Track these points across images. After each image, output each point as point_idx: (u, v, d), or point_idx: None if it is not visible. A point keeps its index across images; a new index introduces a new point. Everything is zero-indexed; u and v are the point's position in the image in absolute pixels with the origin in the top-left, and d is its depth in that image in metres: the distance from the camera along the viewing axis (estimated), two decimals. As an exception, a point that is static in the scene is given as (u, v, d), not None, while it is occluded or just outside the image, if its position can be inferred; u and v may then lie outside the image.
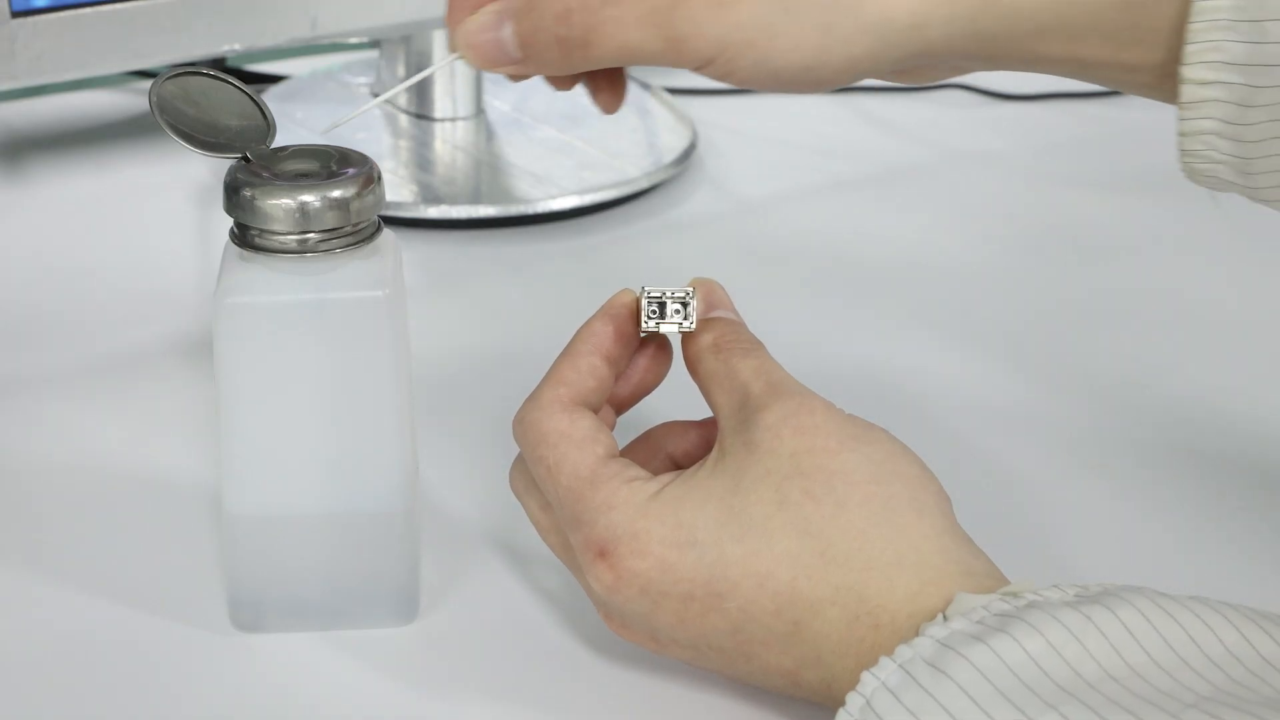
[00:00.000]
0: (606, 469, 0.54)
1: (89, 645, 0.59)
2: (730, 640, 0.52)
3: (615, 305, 0.58)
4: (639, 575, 0.52)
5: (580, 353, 0.57)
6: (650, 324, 0.57)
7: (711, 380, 0.56)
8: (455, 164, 0.94)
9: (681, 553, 0.52)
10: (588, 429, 0.55)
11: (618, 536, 0.53)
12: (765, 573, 0.51)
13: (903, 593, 0.51)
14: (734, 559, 0.52)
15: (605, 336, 0.57)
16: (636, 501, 0.53)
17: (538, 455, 0.55)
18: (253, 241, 0.55)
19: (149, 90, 0.56)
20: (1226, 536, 0.65)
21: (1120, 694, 0.45)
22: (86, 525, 0.65)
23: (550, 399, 0.56)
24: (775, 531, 0.52)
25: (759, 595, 0.51)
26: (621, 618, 0.54)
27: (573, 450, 0.55)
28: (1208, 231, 0.91)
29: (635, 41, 0.54)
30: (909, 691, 0.47)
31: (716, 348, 0.56)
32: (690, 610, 0.52)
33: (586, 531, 0.53)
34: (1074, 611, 0.47)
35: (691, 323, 0.57)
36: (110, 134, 1.00)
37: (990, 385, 0.76)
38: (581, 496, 0.54)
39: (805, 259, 0.88)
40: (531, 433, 0.56)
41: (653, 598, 0.53)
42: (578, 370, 0.56)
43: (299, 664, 0.58)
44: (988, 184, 0.97)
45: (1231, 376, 0.77)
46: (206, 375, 0.58)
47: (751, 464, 0.53)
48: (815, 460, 0.52)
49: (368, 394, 0.57)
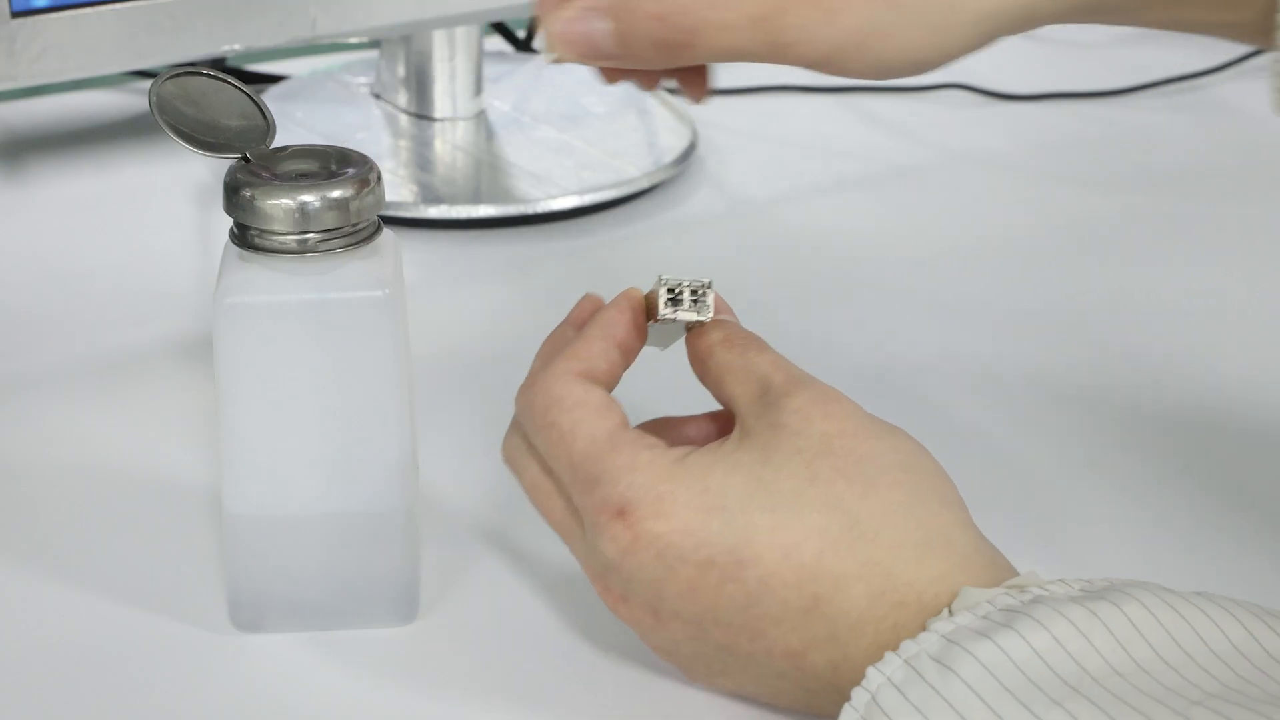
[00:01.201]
0: (625, 434, 0.54)
1: (89, 645, 0.59)
2: (741, 615, 0.52)
3: (630, 296, 0.58)
4: (659, 538, 0.52)
5: (595, 336, 0.56)
6: (668, 311, 0.56)
7: (726, 372, 0.56)
8: (455, 164, 0.94)
9: (708, 517, 0.51)
10: (603, 399, 0.55)
11: (640, 497, 0.52)
12: (792, 544, 0.51)
13: (931, 574, 0.51)
14: (762, 528, 0.51)
15: (620, 324, 0.57)
16: (661, 465, 0.52)
17: (549, 420, 0.54)
18: (252, 241, 0.55)
19: (149, 90, 0.56)
20: (1231, 534, 0.65)
21: (1126, 690, 0.45)
22: (86, 525, 0.65)
23: (564, 369, 0.55)
24: (805, 505, 0.51)
25: (782, 567, 0.51)
26: (624, 587, 0.53)
27: (589, 414, 0.54)
28: (1208, 230, 0.91)
29: (739, 45, 0.54)
30: (915, 687, 0.47)
31: (729, 342, 0.56)
32: (707, 579, 0.51)
33: (605, 491, 0.52)
34: (1080, 607, 0.47)
35: (709, 313, 0.57)
36: (110, 134, 1.00)
37: (992, 384, 0.76)
38: (600, 458, 0.53)
39: (805, 259, 0.88)
40: (542, 398, 0.55)
41: (669, 563, 0.52)
42: (591, 351, 0.56)
43: (299, 664, 0.58)
44: (988, 184, 0.97)
45: (1234, 374, 0.77)
46: (206, 375, 0.58)
47: (781, 442, 0.52)
48: (845, 443, 0.52)
49: (368, 394, 0.57)
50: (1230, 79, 1.10)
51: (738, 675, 0.54)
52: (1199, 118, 1.05)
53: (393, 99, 0.99)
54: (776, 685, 0.53)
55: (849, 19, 0.53)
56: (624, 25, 0.55)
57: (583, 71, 1.04)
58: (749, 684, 0.54)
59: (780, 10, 0.53)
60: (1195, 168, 0.99)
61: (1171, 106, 1.07)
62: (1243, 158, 1.01)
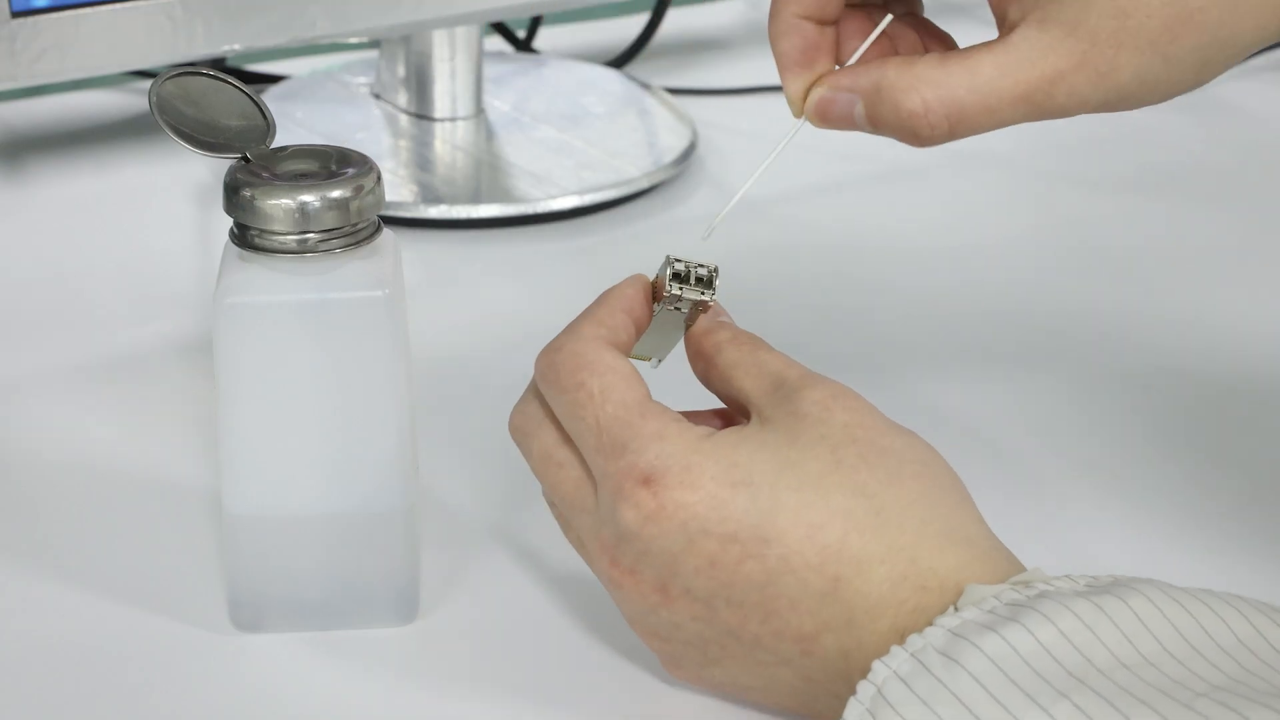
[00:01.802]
0: (653, 405, 0.53)
1: (89, 645, 0.59)
2: (757, 594, 0.51)
3: (638, 279, 0.57)
4: (684, 508, 0.51)
5: (615, 307, 0.56)
6: (674, 288, 0.56)
7: (736, 368, 0.55)
8: (455, 164, 0.94)
9: (735, 491, 0.51)
10: (631, 369, 0.54)
11: (668, 466, 0.52)
12: (818, 524, 0.51)
13: (953, 562, 0.51)
14: (788, 506, 0.51)
15: (635, 300, 0.57)
16: (689, 437, 0.52)
17: (577, 381, 0.54)
18: (252, 241, 0.55)
19: (149, 90, 0.56)
20: (1235, 532, 0.65)
21: (1132, 682, 0.45)
22: (86, 525, 0.65)
23: (592, 334, 0.55)
24: (831, 488, 0.51)
25: (806, 546, 0.51)
26: (636, 560, 0.53)
27: (620, 381, 0.54)
28: (1209, 230, 0.91)
29: (1005, 123, 0.54)
30: (921, 680, 0.47)
31: (737, 341, 0.56)
32: (727, 554, 0.51)
33: (632, 458, 0.52)
34: (1085, 601, 0.48)
35: (714, 293, 0.56)
36: (110, 134, 1.00)
37: (993, 383, 0.76)
38: (630, 424, 0.52)
39: (805, 259, 0.88)
40: (571, 361, 0.54)
41: (690, 535, 0.51)
42: (614, 321, 0.56)
43: (299, 664, 0.58)
44: (988, 184, 0.97)
45: (1235, 372, 0.77)
46: (206, 375, 0.58)
47: (805, 428, 0.52)
48: (867, 434, 0.53)
49: (368, 394, 0.57)
50: (1230, 79, 1.10)
51: (733, 664, 0.53)
52: (1199, 118, 1.05)
53: (393, 99, 0.99)
54: (774, 675, 0.53)
55: (1119, 77, 0.53)
56: (875, 113, 0.55)
57: (583, 72, 1.05)
58: (743, 675, 0.54)
59: (1050, 84, 0.53)
60: (1195, 168, 0.99)
61: (1171, 106, 1.06)
62: (1243, 158, 1.01)
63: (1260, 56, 1.12)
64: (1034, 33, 0.53)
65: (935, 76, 0.54)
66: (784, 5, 0.56)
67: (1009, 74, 0.53)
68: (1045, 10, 0.53)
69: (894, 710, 0.47)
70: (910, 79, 0.54)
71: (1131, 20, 0.52)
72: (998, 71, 0.53)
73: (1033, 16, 0.53)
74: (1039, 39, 0.53)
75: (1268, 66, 1.12)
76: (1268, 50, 1.12)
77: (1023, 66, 0.53)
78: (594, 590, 0.59)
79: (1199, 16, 0.52)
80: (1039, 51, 0.53)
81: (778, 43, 0.56)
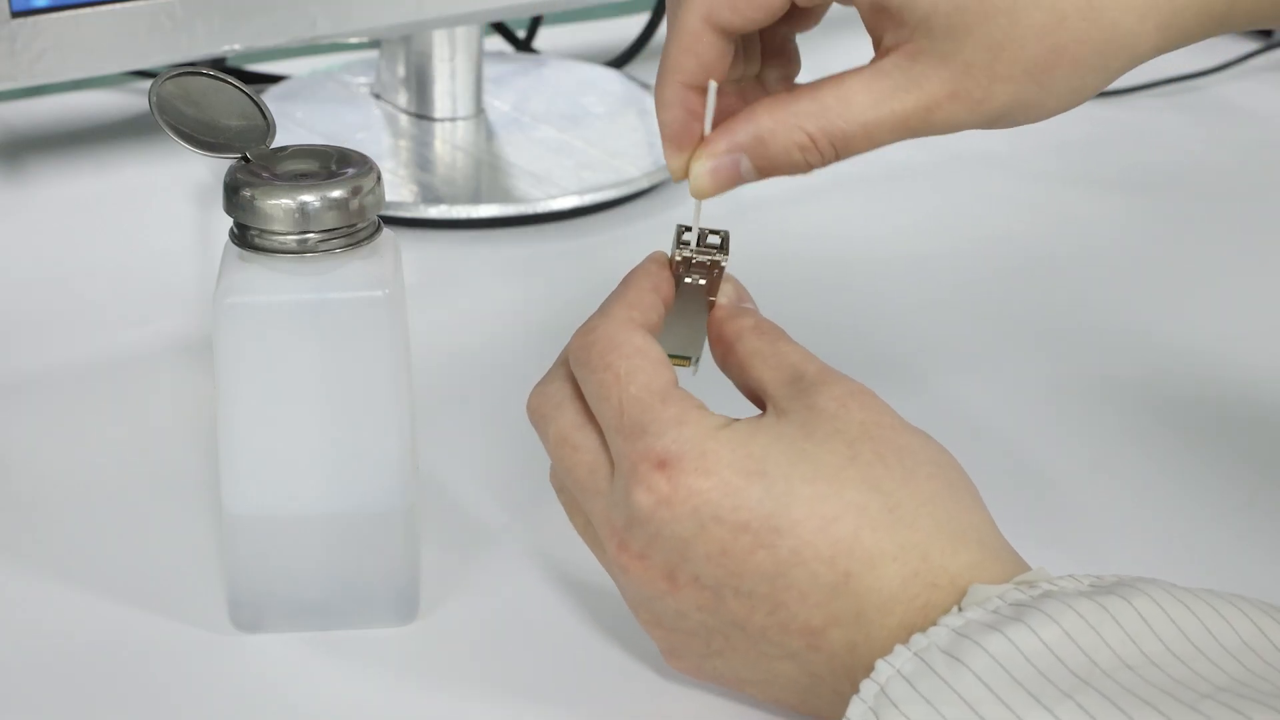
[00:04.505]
0: (677, 391, 0.53)
1: (89, 645, 0.59)
2: (766, 585, 0.51)
3: (658, 254, 0.57)
4: (698, 494, 0.51)
5: (645, 287, 0.56)
6: (685, 251, 0.56)
7: (756, 357, 0.56)
8: (455, 164, 0.94)
9: (749, 480, 0.51)
10: (662, 355, 0.55)
11: (684, 451, 0.52)
12: (831, 517, 0.51)
13: (965, 561, 0.51)
14: (802, 498, 0.51)
15: (660, 276, 0.57)
16: (707, 425, 0.52)
17: (606, 362, 0.54)
18: (252, 241, 0.55)
19: (149, 90, 0.56)
20: (1238, 532, 0.65)
21: (1136, 683, 0.45)
22: (86, 525, 0.65)
23: (624, 317, 0.55)
24: (846, 482, 0.51)
25: (818, 539, 0.51)
26: (646, 544, 0.52)
27: (648, 364, 0.54)
28: (1208, 230, 0.91)
29: (886, 142, 0.55)
30: (924, 679, 0.47)
31: (759, 330, 0.56)
32: (739, 543, 0.51)
33: (650, 441, 0.52)
34: (1089, 601, 0.48)
35: (727, 258, 0.56)
36: (110, 134, 1.00)
37: (994, 383, 0.76)
38: (651, 407, 0.53)
39: (805, 259, 0.88)
40: (603, 342, 0.54)
41: (702, 521, 0.51)
42: (645, 303, 0.56)
43: (299, 664, 0.58)
44: (988, 184, 0.97)
45: (1237, 372, 0.77)
46: (206, 375, 0.58)
47: (821, 422, 0.53)
48: (883, 433, 0.53)
49: (368, 394, 0.57)
50: (1230, 79, 1.10)
51: (735, 657, 0.53)
52: (1199, 118, 1.05)
53: (393, 99, 0.99)
54: (775, 669, 0.53)
55: (994, 104, 0.53)
56: (761, 162, 0.55)
57: (583, 72, 1.05)
58: (744, 668, 0.54)
59: (927, 111, 0.53)
60: (1195, 168, 0.99)
61: (1171, 106, 1.07)
62: (1243, 158, 1.01)
63: (1260, 56, 1.12)
64: (906, 62, 0.53)
65: (812, 110, 0.54)
66: (670, 75, 0.55)
67: (884, 102, 0.54)
68: (918, 43, 0.53)
69: (898, 709, 0.47)
70: (788, 118, 0.54)
71: (1006, 53, 0.52)
72: (872, 99, 0.54)
73: (905, 47, 0.53)
74: (910, 68, 0.53)
75: (1268, 66, 1.12)
76: (1268, 50, 1.12)
77: (897, 95, 0.53)
78: (595, 590, 0.60)
79: (1073, 49, 0.52)
80: (912, 79, 0.53)
81: (661, 114, 0.56)
